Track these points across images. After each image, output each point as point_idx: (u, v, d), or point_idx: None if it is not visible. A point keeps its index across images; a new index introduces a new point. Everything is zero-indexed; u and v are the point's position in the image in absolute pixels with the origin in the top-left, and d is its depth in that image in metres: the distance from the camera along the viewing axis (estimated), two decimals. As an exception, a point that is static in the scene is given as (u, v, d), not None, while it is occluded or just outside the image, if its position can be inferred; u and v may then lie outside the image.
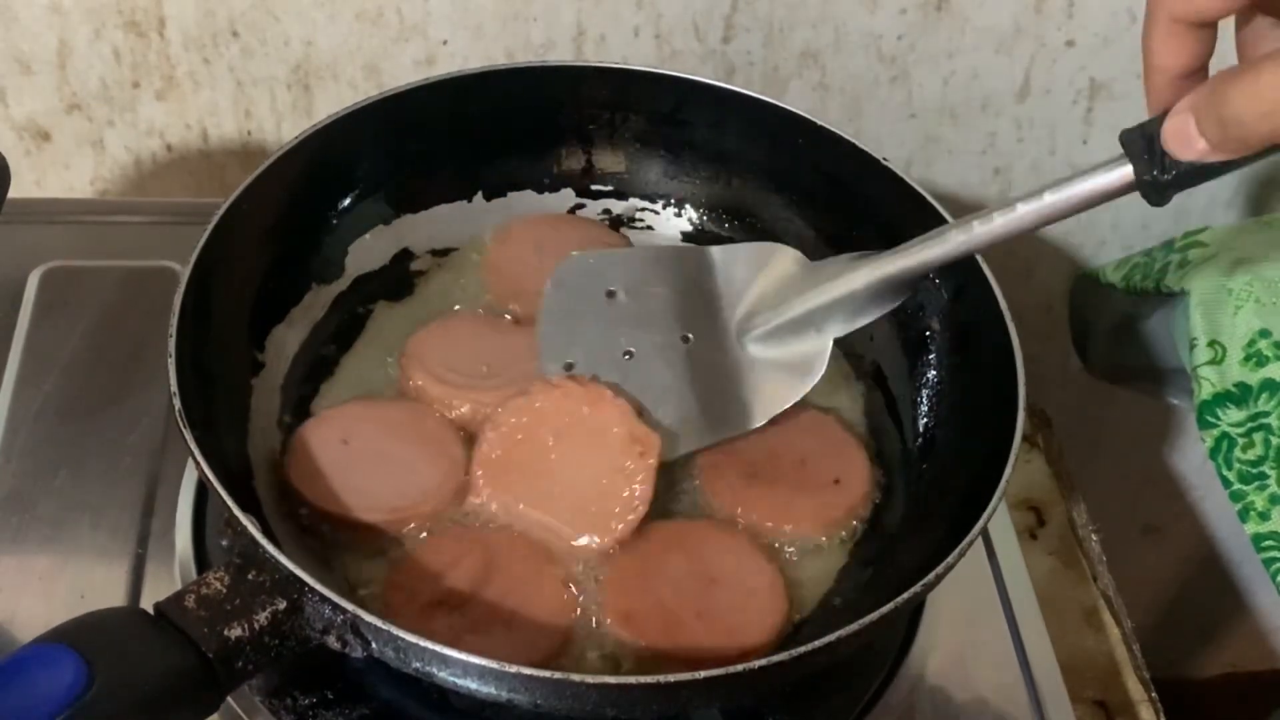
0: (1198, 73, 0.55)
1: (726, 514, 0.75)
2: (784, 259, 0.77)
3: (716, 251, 0.80)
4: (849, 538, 0.77)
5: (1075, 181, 0.60)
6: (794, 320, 0.75)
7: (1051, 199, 0.61)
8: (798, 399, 0.76)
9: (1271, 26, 0.52)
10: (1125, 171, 0.58)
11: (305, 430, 0.76)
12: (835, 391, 0.83)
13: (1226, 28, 0.56)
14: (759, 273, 0.77)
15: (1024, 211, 0.62)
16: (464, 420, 0.77)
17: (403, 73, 1.02)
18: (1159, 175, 0.56)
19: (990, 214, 0.64)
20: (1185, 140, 0.54)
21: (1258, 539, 0.91)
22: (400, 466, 0.74)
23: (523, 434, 0.74)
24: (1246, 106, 0.50)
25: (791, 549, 0.75)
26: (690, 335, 0.77)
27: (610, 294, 0.78)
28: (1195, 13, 0.53)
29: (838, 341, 0.85)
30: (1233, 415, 0.89)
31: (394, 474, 0.74)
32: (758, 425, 0.76)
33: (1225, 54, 0.56)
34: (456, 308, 0.84)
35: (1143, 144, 0.57)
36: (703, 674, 0.60)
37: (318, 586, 0.60)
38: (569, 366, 0.77)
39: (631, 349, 0.77)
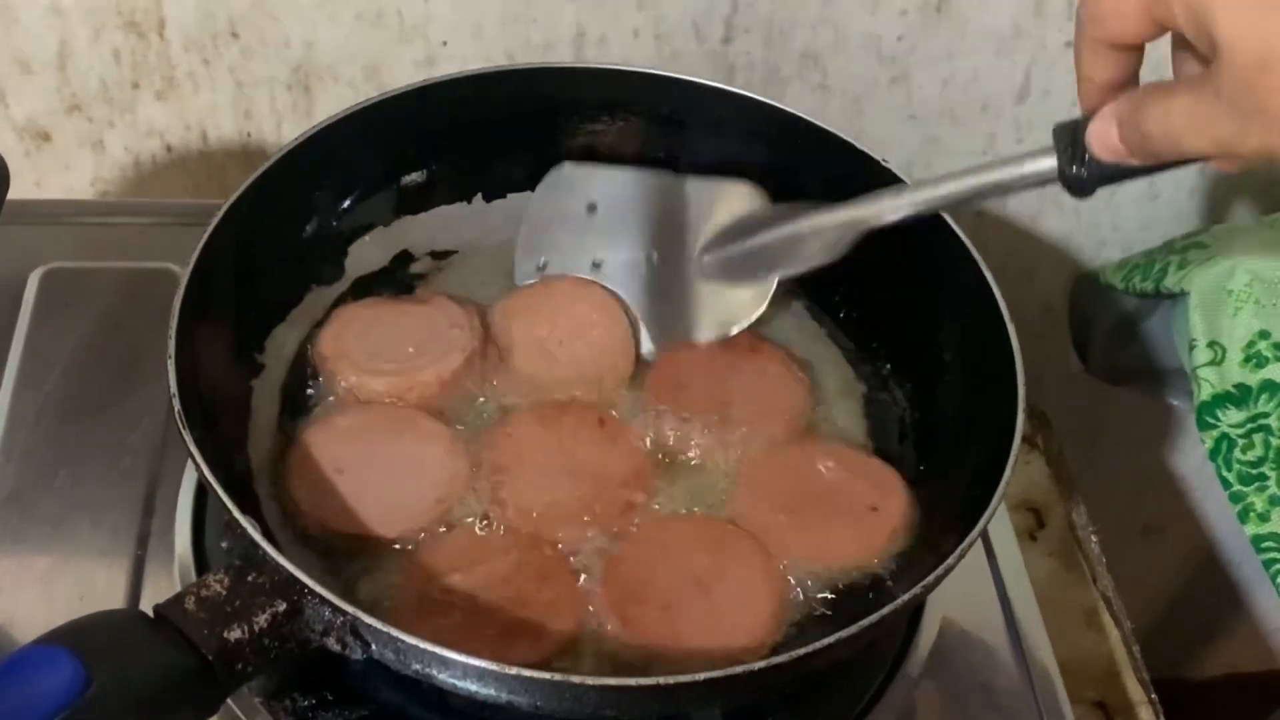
0: (1126, 83, 0.59)
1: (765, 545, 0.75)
2: (747, 198, 0.83)
3: (690, 182, 0.86)
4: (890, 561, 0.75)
5: (1010, 164, 0.64)
6: (747, 254, 0.80)
7: (990, 176, 0.65)
8: (745, 325, 0.82)
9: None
10: (1052, 162, 0.61)
11: (295, 464, 0.75)
12: (837, 393, 0.84)
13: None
14: (723, 207, 0.83)
15: (965, 184, 0.67)
16: (415, 404, 0.78)
17: (403, 74, 1.01)
18: (1078, 170, 0.60)
19: (935, 183, 0.69)
20: (1106, 144, 0.58)
21: (1257, 540, 0.91)
22: (404, 473, 0.74)
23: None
24: (1158, 124, 0.55)
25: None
26: (656, 256, 0.83)
27: (591, 207, 0.85)
28: (1111, 38, 0.58)
29: (841, 343, 0.86)
30: (1232, 416, 0.89)
31: (401, 482, 0.74)
32: (702, 339, 0.82)
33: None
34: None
35: (1068, 139, 0.60)
36: (702, 675, 0.60)
37: (317, 588, 0.60)
38: (541, 266, 0.84)
39: (601, 259, 0.84)
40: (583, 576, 0.72)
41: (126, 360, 0.87)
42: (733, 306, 0.82)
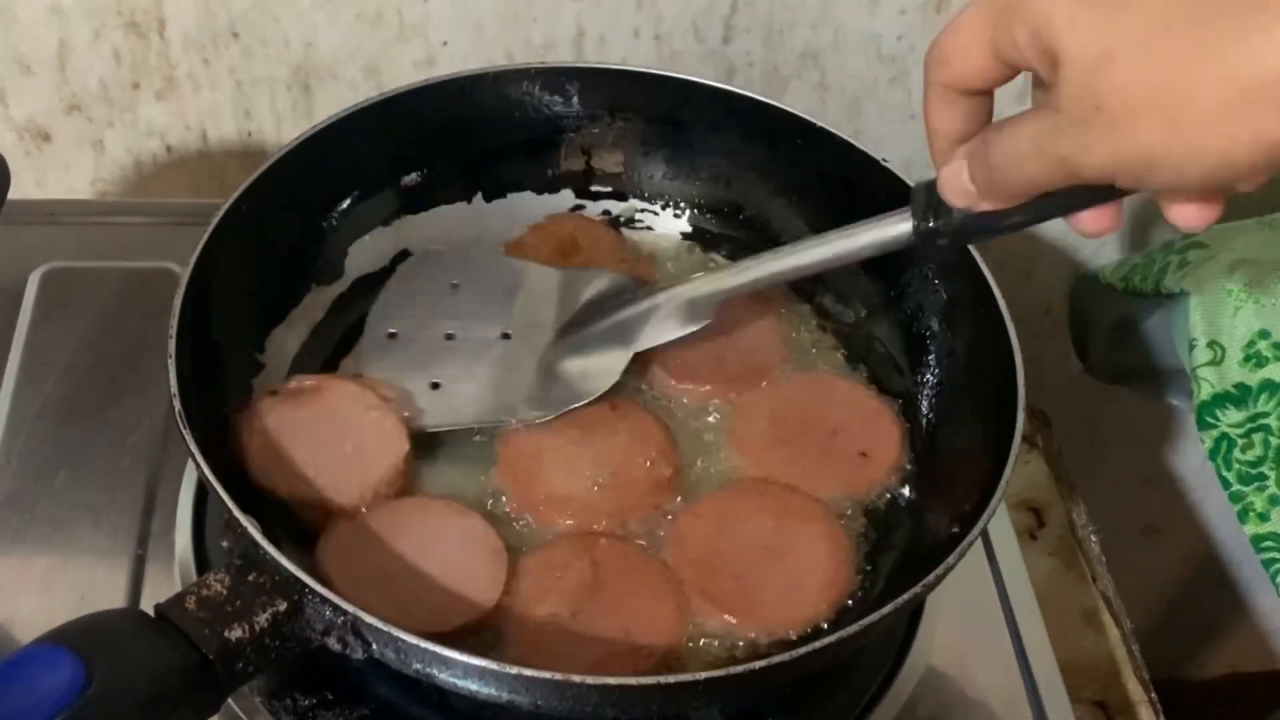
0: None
1: (754, 474, 0.77)
2: (609, 281, 0.81)
3: (562, 274, 0.83)
4: (862, 513, 0.77)
5: (862, 230, 0.64)
6: (602, 331, 0.79)
7: (840, 245, 0.66)
8: (584, 401, 0.78)
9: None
10: (909, 224, 0.61)
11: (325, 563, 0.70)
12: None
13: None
14: (585, 291, 0.81)
15: (815, 253, 0.68)
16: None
17: (403, 74, 1.02)
18: (933, 223, 0.59)
19: (782, 254, 0.71)
20: (957, 187, 0.57)
21: (1257, 540, 0.91)
22: (442, 570, 0.70)
23: None
24: (1003, 154, 0.53)
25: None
26: (510, 334, 0.81)
27: (454, 286, 0.83)
28: (958, 82, 0.55)
29: (842, 343, 0.86)
30: (1232, 416, 0.89)
31: (445, 575, 0.70)
32: (541, 419, 0.78)
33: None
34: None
35: (925, 196, 0.59)
36: (703, 675, 0.60)
37: (318, 588, 0.60)
38: (391, 335, 0.80)
39: (453, 333, 0.81)
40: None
41: (126, 360, 0.88)
42: (587, 376, 0.78)
